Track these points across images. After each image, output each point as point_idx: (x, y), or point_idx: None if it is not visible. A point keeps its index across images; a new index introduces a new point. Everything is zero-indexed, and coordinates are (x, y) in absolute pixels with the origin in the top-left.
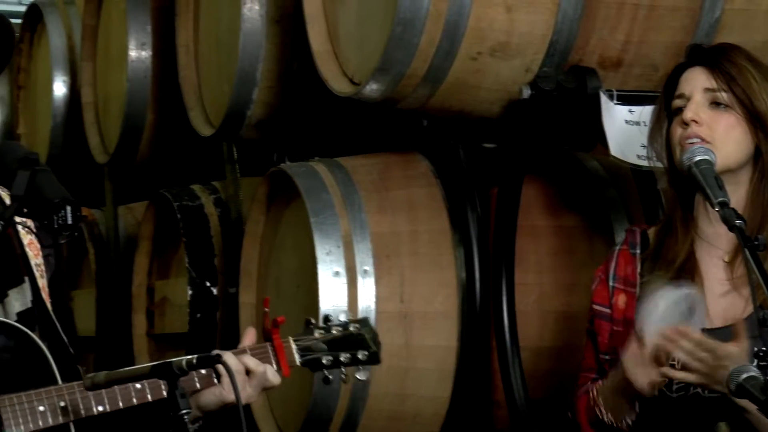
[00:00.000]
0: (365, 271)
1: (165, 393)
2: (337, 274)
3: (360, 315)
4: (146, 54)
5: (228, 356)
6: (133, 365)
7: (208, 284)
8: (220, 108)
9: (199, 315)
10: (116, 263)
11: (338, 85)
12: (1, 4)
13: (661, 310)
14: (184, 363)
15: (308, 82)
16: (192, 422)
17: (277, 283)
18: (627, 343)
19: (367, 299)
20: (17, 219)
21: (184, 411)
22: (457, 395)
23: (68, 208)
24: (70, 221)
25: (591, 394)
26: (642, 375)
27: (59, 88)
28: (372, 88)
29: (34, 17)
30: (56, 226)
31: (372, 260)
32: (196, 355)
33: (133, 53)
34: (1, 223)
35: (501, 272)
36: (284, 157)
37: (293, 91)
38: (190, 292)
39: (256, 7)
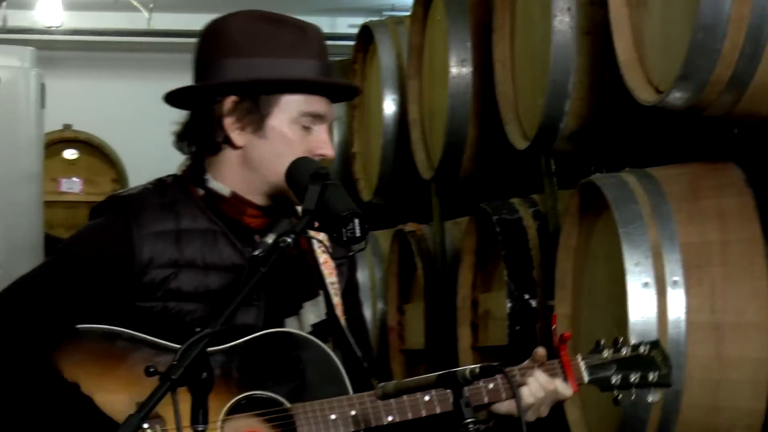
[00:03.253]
0: (675, 282)
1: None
2: (646, 285)
3: (670, 326)
4: (466, 70)
5: (538, 374)
6: None
7: (527, 297)
8: (534, 121)
9: (518, 327)
10: (443, 277)
11: (643, 93)
12: (336, 27)
13: None
14: (467, 372)
15: (620, 92)
16: (484, 420)
17: (590, 294)
18: None
19: (677, 310)
20: (311, 233)
21: (469, 420)
22: None
23: (356, 221)
24: (358, 234)
25: None
26: None
27: (389, 107)
28: (675, 96)
29: (366, 38)
30: (345, 239)
31: (681, 271)
32: (479, 365)
33: (453, 69)
34: (293, 236)
35: None
36: (602, 169)
37: (605, 102)
38: (509, 304)
39: (567, 20)
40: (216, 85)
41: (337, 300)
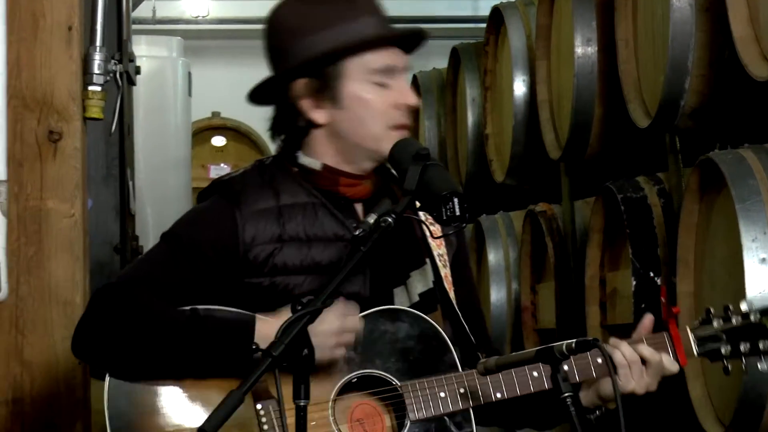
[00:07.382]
0: None
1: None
2: (763, 261)
3: None
4: (592, 50)
5: (623, 346)
6: None
7: (651, 275)
8: (655, 99)
9: (643, 305)
10: (573, 256)
11: (757, 69)
12: (479, 10)
13: None
14: (564, 347)
15: (740, 69)
16: (593, 409)
17: (711, 271)
18: None
19: None
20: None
21: (567, 394)
22: None
23: (455, 200)
24: (458, 213)
25: None
26: None
27: (519, 88)
28: None
29: (497, 20)
30: (445, 218)
31: None
32: (575, 340)
33: (579, 49)
34: (393, 216)
35: None
36: (726, 146)
37: (726, 79)
38: (634, 282)
39: None
40: (282, 73)
41: (445, 272)
